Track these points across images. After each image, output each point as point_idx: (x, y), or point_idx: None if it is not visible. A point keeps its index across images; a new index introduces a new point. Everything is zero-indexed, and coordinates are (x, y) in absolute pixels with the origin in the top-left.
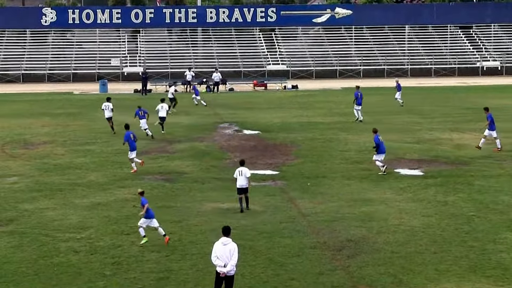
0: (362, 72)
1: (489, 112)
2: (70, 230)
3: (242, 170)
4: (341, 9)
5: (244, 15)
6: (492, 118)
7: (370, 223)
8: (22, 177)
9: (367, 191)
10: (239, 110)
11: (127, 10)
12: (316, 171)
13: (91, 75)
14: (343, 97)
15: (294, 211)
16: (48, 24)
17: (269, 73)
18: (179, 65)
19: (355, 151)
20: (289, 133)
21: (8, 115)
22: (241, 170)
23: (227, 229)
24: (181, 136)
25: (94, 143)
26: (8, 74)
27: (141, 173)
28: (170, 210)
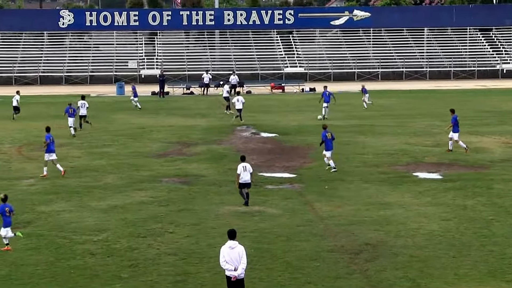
0: (380, 74)
1: (454, 114)
2: (86, 232)
3: (246, 166)
4: (359, 12)
5: (262, 17)
6: (456, 120)
7: (388, 227)
8: (39, 179)
9: (385, 195)
10: (256, 112)
11: (145, 12)
12: (333, 174)
13: (108, 77)
14: (361, 100)
15: (311, 215)
16: (65, 26)
17: (287, 75)
18: (197, 67)
19: (373, 154)
20: (306, 136)
21: (25, 117)
22: (245, 165)
23: (233, 233)
24: (198, 139)
25: (111, 145)
26: (26, 76)
27: (159, 176)
28: (188, 213)
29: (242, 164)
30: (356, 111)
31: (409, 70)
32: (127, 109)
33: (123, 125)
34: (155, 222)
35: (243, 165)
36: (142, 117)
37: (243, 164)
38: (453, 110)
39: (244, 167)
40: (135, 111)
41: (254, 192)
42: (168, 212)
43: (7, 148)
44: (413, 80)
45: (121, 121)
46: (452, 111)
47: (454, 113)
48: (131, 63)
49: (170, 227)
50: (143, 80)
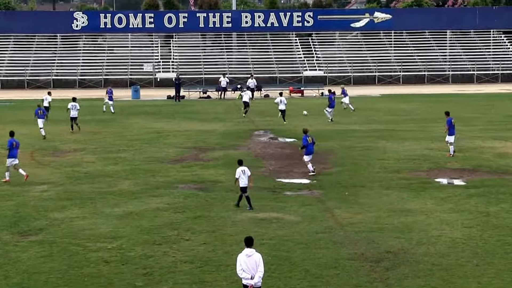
0: (402, 78)
1: (449, 117)
2: (100, 239)
3: (245, 170)
4: (380, 14)
5: (280, 19)
6: (451, 123)
7: (409, 234)
8: (52, 185)
9: (407, 201)
10: (274, 117)
11: (160, 14)
12: (353, 180)
13: (123, 81)
14: (381, 104)
15: (331, 221)
16: (79, 28)
17: (306, 79)
18: (213, 71)
19: (394, 160)
20: (325, 141)
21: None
22: (243, 169)
23: (250, 240)
24: (215, 144)
25: (126, 150)
26: (39, 80)
27: (175, 182)
28: (204, 220)
29: (240, 168)
30: (377, 115)
31: (431, 74)
32: (143, 114)
33: (138, 129)
34: (170, 229)
35: (242, 169)
36: (158, 122)
37: (241, 168)
38: (448, 112)
39: (243, 171)
40: (150, 115)
41: (272, 199)
42: (184, 219)
43: (19, 153)
44: (435, 84)
45: (137, 125)
46: (447, 113)
47: (448, 116)
48: (147, 66)
49: (186, 234)
50: (158, 83)
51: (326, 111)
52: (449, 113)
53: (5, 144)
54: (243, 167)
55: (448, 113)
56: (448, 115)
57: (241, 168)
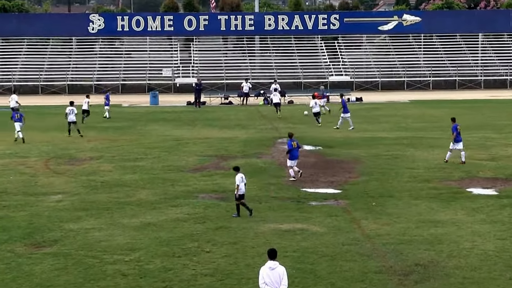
0: (432, 83)
1: (454, 123)
2: (118, 251)
3: (243, 176)
4: (409, 16)
5: (305, 22)
6: (456, 129)
7: (439, 246)
8: (67, 195)
9: (437, 212)
10: (298, 124)
11: (180, 17)
12: (381, 190)
13: (141, 86)
14: (410, 111)
15: (357, 233)
16: (95, 31)
17: (332, 84)
18: (235, 75)
19: (424, 169)
20: (352, 148)
21: (52, 129)
22: (242, 176)
23: (274, 252)
24: (237, 152)
25: (144, 158)
26: (53, 85)
27: (195, 192)
28: (226, 231)
29: (240, 175)
30: (406, 122)
31: (463, 79)
32: (162, 120)
33: (157, 137)
34: (191, 241)
35: (241, 175)
36: (178, 129)
37: (241, 175)
38: (454, 118)
39: (242, 178)
40: (169, 122)
41: (297, 209)
42: (204, 230)
43: (33, 162)
44: (466, 90)
45: (155, 132)
46: (453, 120)
47: (454, 122)
48: (166, 71)
49: (206, 246)
50: (178, 89)
51: (342, 117)
52: (455, 120)
53: (21, 152)
54: (241, 173)
55: (454, 119)
56: (454, 121)
57: (241, 175)
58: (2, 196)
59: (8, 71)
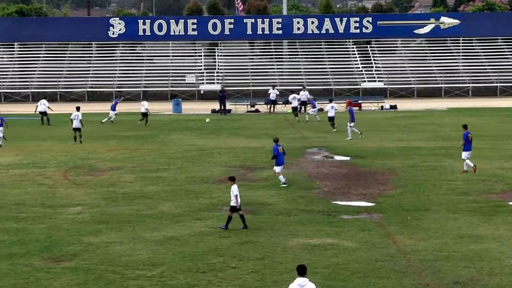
0: (471, 90)
1: (466, 130)
2: (139, 266)
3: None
4: (447, 18)
5: (336, 25)
6: (467, 137)
7: (480, 263)
8: (87, 207)
9: (477, 226)
10: (329, 133)
11: (204, 20)
12: (417, 203)
13: (163, 93)
14: (448, 119)
15: (392, 248)
16: (116, 36)
17: (364, 91)
18: (262, 82)
19: (463, 180)
20: (386, 159)
21: (71, 138)
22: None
23: (303, 269)
24: (264, 162)
25: (167, 169)
26: (72, 92)
27: (220, 204)
28: (252, 245)
29: (235, 186)
30: (443, 131)
31: (505, 85)
32: (185, 129)
33: (180, 146)
34: (215, 256)
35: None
36: (201, 138)
37: (236, 186)
38: (466, 126)
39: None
40: (193, 131)
41: (327, 223)
42: (230, 245)
43: (51, 172)
44: (509, 97)
45: (178, 142)
46: (465, 127)
47: (466, 129)
48: (189, 77)
49: (232, 262)
50: (202, 96)
51: (349, 126)
52: (467, 127)
53: (39, 162)
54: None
55: (465, 126)
56: (466, 128)
57: (236, 186)
58: (19, 208)
59: (26, 77)
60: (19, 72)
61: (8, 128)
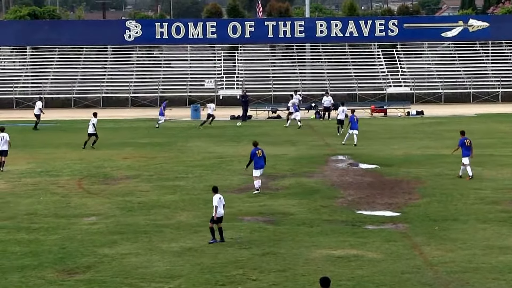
0: (501, 95)
1: (462, 136)
2: (156, 279)
3: (221, 197)
4: (475, 21)
5: (360, 28)
6: (463, 143)
7: (510, 275)
8: (101, 217)
9: (507, 237)
10: (353, 140)
11: (223, 23)
12: (444, 213)
13: (181, 98)
14: (477, 125)
15: (418, 260)
16: (132, 39)
17: (390, 96)
18: (284, 87)
19: (492, 189)
20: (412, 167)
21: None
22: (220, 197)
23: (327, 281)
24: (286, 170)
25: (185, 178)
26: (87, 98)
27: (240, 214)
28: (273, 257)
29: (218, 196)
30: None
31: None
32: (204, 136)
33: (198, 154)
34: (235, 268)
35: (219, 196)
36: (221, 145)
37: (219, 196)
38: (463, 132)
39: (221, 199)
40: (212, 138)
41: (351, 233)
42: (250, 256)
43: (65, 181)
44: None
45: (197, 149)
46: (462, 133)
47: (463, 135)
48: (208, 82)
49: (253, 274)
50: (221, 102)
51: (349, 133)
52: (465, 133)
53: (52, 171)
54: (219, 194)
55: (463, 133)
56: (463, 134)
57: (219, 196)
58: (32, 218)
59: (39, 82)
60: (31, 77)
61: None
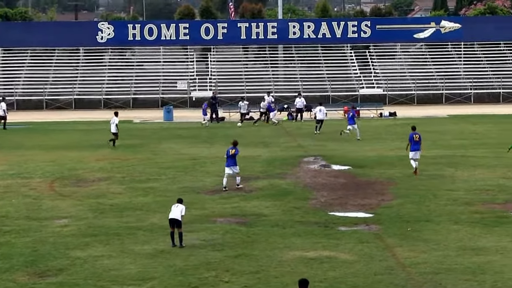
0: (473, 96)
1: (412, 131)
2: (128, 281)
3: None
4: (447, 22)
5: (333, 29)
6: (412, 138)
7: (482, 276)
8: (74, 219)
9: (479, 238)
10: (326, 141)
11: (196, 24)
12: (417, 214)
13: (153, 100)
14: (449, 126)
15: (391, 261)
16: (104, 41)
17: (363, 98)
18: (257, 88)
19: (465, 191)
20: (385, 168)
21: (57, 147)
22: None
23: (305, 283)
24: (259, 172)
25: (157, 179)
26: (59, 100)
27: (213, 216)
28: (246, 259)
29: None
30: (444, 139)
31: (508, 91)
32: (176, 138)
33: (171, 156)
34: (208, 270)
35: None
36: (194, 147)
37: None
38: (414, 127)
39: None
40: (185, 139)
41: (324, 235)
42: (223, 258)
43: (37, 183)
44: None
45: (169, 151)
46: (413, 128)
47: (414, 131)
48: (181, 83)
49: (225, 276)
50: (194, 103)
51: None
52: (415, 128)
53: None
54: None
55: (413, 128)
56: (414, 130)
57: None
58: (3, 221)
59: (10, 84)
60: (2, 79)
61: None
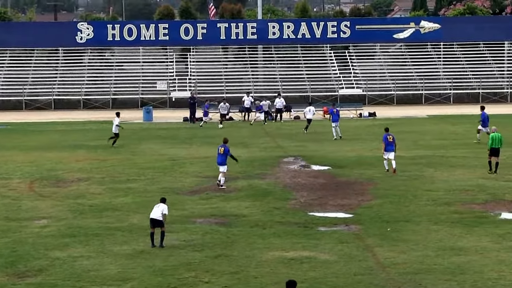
0: (452, 96)
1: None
2: (108, 282)
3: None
4: (427, 23)
5: (313, 30)
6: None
7: (462, 276)
8: (53, 220)
9: (459, 238)
10: (306, 142)
11: (176, 25)
12: (397, 214)
13: (133, 100)
14: (429, 127)
15: (371, 261)
16: (84, 41)
17: (342, 98)
18: (236, 89)
19: (444, 191)
20: (365, 169)
21: (37, 148)
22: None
23: (293, 284)
24: (238, 172)
25: (137, 180)
26: (38, 100)
27: (192, 216)
28: (226, 259)
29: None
30: (424, 139)
31: (487, 91)
32: (156, 138)
33: (151, 156)
34: (187, 270)
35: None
36: (173, 147)
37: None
38: (387, 128)
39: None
40: (165, 140)
41: (304, 235)
42: (203, 259)
43: (16, 184)
44: (491, 103)
45: (149, 151)
46: (386, 129)
47: (387, 132)
48: (160, 84)
49: (205, 276)
50: (173, 104)
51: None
52: (388, 130)
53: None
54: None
55: (387, 129)
56: (387, 131)
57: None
58: None
59: None
60: None
61: None
